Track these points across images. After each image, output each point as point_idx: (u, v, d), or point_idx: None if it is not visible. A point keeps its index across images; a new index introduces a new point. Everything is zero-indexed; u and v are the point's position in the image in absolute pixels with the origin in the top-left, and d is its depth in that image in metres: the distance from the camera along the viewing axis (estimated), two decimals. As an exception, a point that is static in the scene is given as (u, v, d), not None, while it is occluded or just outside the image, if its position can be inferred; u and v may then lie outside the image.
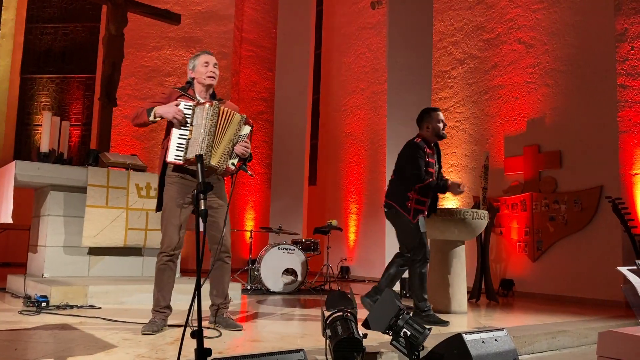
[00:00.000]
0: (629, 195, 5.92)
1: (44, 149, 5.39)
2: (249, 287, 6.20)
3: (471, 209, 4.65)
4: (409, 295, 5.84)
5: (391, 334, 2.57)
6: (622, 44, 6.17)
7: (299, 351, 2.14)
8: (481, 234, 5.98)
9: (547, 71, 6.96)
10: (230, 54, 10.99)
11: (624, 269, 3.23)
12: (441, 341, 2.60)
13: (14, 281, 5.07)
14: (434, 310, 4.22)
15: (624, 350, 2.62)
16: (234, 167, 3.30)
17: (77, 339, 2.90)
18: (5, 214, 4.83)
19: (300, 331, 3.51)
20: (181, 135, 3.17)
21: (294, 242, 6.68)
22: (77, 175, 5.09)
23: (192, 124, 3.17)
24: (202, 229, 2.16)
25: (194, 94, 3.40)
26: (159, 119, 3.23)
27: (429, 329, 2.56)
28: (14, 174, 4.75)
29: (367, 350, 2.55)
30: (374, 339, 2.93)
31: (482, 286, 6.07)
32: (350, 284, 8.10)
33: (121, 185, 5.24)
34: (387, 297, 2.66)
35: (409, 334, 2.50)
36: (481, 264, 6.12)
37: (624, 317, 4.75)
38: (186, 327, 2.09)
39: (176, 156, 3.16)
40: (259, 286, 6.16)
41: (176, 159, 3.17)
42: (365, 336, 2.50)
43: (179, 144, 3.16)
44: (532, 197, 6.88)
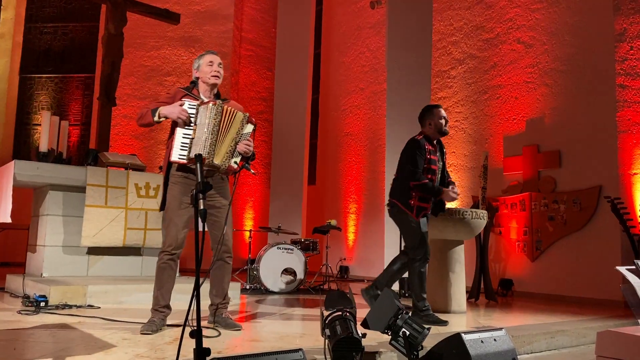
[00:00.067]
0: (628, 195, 5.93)
1: (43, 148, 5.39)
2: (248, 287, 6.20)
3: (470, 209, 4.65)
4: (408, 295, 5.85)
5: (390, 333, 2.57)
6: (621, 44, 6.17)
7: (298, 351, 2.15)
8: (480, 234, 5.99)
9: (547, 71, 6.96)
10: (229, 54, 10.99)
11: (622, 269, 3.24)
12: (440, 341, 2.61)
13: (13, 281, 5.06)
14: (433, 309, 4.22)
15: (623, 349, 2.63)
16: (236, 165, 3.31)
17: (76, 338, 2.90)
18: (4, 214, 4.83)
19: (299, 331, 3.51)
20: (185, 134, 3.18)
21: (293, 242, 6.68)
22: (76, 174, 5.09)
23: (196, 124, 3.19)
24: (200, 229, 2.16)
25: (199, 93, 3.41)
26: (164, 119, 3.24)
27: (428, 329, 2.56)
28: (13, 174, 4.75)
29: (366, 349, 2.55)
30: (373, 339, 2.93)
31: (481, 286, 6.08)
32: (349, 284, 8.10)
33: (120, 185, 5.24)
34: (386, 297, 2.66)
35: (408, 333, 2.50)
36: (480, 263, 6.13)
37: (623, 316, 4.75)
38: (185, 326, 2.09)
39: (180, 155, 3.18)
40: (258, 286, 6.16)
41: (180, 158, 3.18)
42: (364, 336, 2.50)
43: (183, 143, 3.17)
44: (531, 197, 6.88)
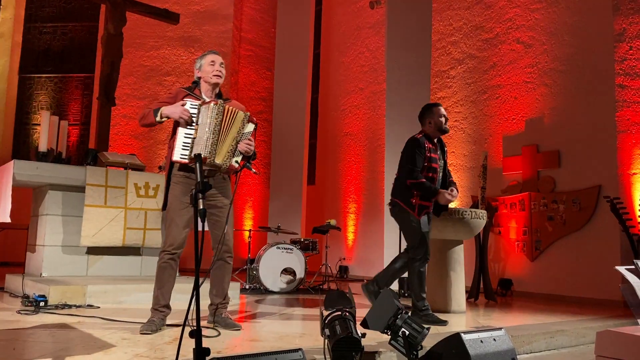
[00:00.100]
0: (627, 195, 5.93)
1: (43, 148, 5.38)
2: (247, 287, 6.20)
3: (470, 209, 4.65)
4: (407, 294, 5.85)
5: (390, 333, 2.57)
6: (621, 44, 6.17)
7: (297, 351, 2.15)
8: (480, 234, 5.99)
9: (546, 71, 6.96)
10: (229, 54, 10.99)
11: (622, 269, 3.24)
12: (440, 341, 2.61)
13: (12, 281, 5.06)
14: (432, 309, 4.21)
15: (622, 349, 2.63)
16: (237, 164, 3.31)
17: (75, 338, 2.90)
18: (3, 214, 4.82)
19: (298, 331, 3.51)
20: (187, 134, 3.19)
21: (293, 242, 6.68)
22: (76, 174, 5.09)
23: (197, 123, 3.19)
24: (200, 228, 2.16)
25: (200, 93, 3.42)
26: (166, 119, 3.24)
27: (428, 329, 2.56)
28: (12, 174, 4.74)
29: (365, 349, 2.55)
30: (373, 339, 2.93)
31: (481, 286, 6.08)
32: (348, 284, 8.10)
33: (120, 184, 5.24)
34: (386, 297, 2.66)
35: (407, 333, 2.50)
36: (480, 263, 6.13)
37: (622, 316, 4.76)
38: (185, 326, 2.09)
39: (182, 155, 3.18)
40: (258, 286, 6.16)
41: (181, 158, 3.19)
42: (363, 335, 2.50)
43: (184, 143, 3.18)
44: (531, 197, 6.89)
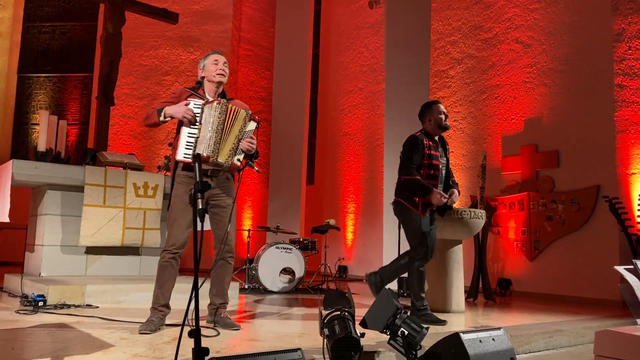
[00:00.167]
0: (626, 194, 5.94)
1: (41, 148, 5.38)
2: (246, 287, 6.20)
3: (469, 209, 4.66)
4: (406, 294, 5.85)
5: (389, 333, 2.57)
6: (620, 43, 6.18)
7: (296, 350, 2.15)
8: (479, 234, 5.99)
9: (545, 71, 6.97)
10: (228, 53, 10.98)
11: (621, 269, 3.24)
12: (439, 340, 2.61)
13: (11, 280, 5.05)
14: (431, 309, 4.22)
15: (621, 349, 2.63)
16: (239, 163, 3.32)
17: (74, 338, 2.90)
18: (2, 213, 4.82)
19: (297, 330, 3.51)
20: (190, 133, 3.21)
21: (292, 242, 6.68)
22: (75, 174, 5.08)
23: (200, 123, 3.21)
24: (200, 228, 2.16)
25: (204, 93, 3.43)
26: (169, 119, 3.25)
27: (427, 328, 2.56)
28: (11, 173, 4.74)
29: (364, 349, 2.55)
30: (372, 338, 2.93)
31: (480, 285, 6.08)
32: (348, 283, 8.10)
33: (118, 184, 5.23)
34: (385, 297, 2.66)
35: (406, 333, 2.51)
36: (479, 263, 6.13)
37: (621, 316, 4.76)
38: (184, 326, 2.09)
39: (185, 154, 3.20)
40: (257, 285, 6.16)
41: (185, 157, 3.20)
42: (362, 335, 2.50)
43: (188, 142, 3.19)
44: (530, 197, 6.89)
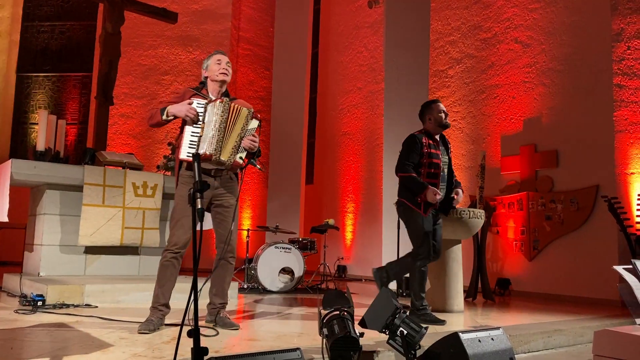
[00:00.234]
0: (625, 194, 5.94)
1: (40, 147, 5.37)
2: (245, 286, 6.20)
3: (468, 208, 4.66)
4: (406, 294, 5.86)
5: (388, 332, 2.57)
6: (619, 43, 6.18)
7: (295, 350, 2.14)
8: (478, 233, 5.99)
9: (544, 71, 6.97)
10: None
11: (619, 268, 3.25)
12: (438, 340, 2.61)
13: (10, 280, 5.05)
14: (430, 309, 4.22)
15: (620, 349, 2.63)
16: (241, 161, 3.33)
17: (73, 338, 2.90)
18: (1, 213, 4.81)
19: (297, 330, 3.51)
20: (193, 132, 3.22)
21: (291, 241, 6.68)
22: (74, 173, 5.08)
23: (204, 122, 3.22)
24: (199, 228, 2.16)
25: (207, 93, 3.45)
26: (172, 118, 3.26)
27: (426, 328, 2.56)
28: (10, 173, 4.73)
29: (363, 349, 2.55)
30: (371, 338, 2.93)
31: (479, 285, 6.09)
32: (347, 283, 8.10)
33: (118, 184, 5.23)
34: (384, 296, 2.66)
35: (405, 332, 2.50)
36: (478, 263, 6.13)
37: (620, 316, 4.77)
38: (183, 326, 2.08)
39: (188, 153, 3.21)
40: (256, 285, 6.16)
41: (188, 156, 3.21)
42: (362, 335, 2.50)
43: (191, 141, 3.21)
44: (529, 197, 6.89)
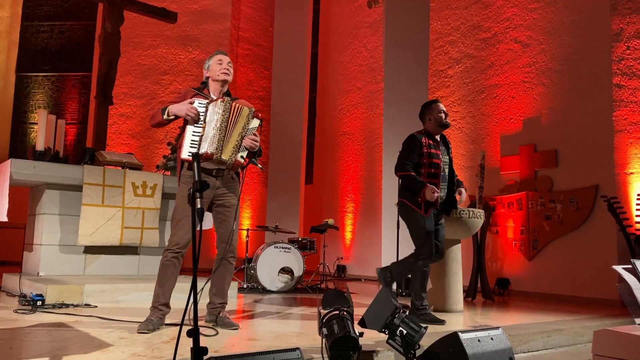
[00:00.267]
0: (624, 194, 5.94)
1: (40, 147, 5.37)
2: (245, 286, 6.20)
3: (467, 208, 4.66)
4: (405, 294, 5.86)
5: (387, 332, 2.57)
6: (618, 43, 6.19)
7: (295, 350, 2.14)
8: (477, 233, 5.99)
9: (543, 70, 6.97)
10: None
11: (619, 268, 3.25)
12: (437, 340, 2.61)
13: (10, 280, 5.05)
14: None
15: (619, 348, 2.64)
16: (242, 160, 3.33)
17: (72, 337, 2.90)
18: (0, 213, 4.81)
19: (296, 330, 3.51)
20: (195, 132, 3.22)
21: (291, 241, 6.68)
22: (73, 173, 5.08)
23: (205, 121, 3.23)
24: (199, 228, 2.16)
25: (209, 92, 3.45)
26: (173, 118, 3.26)
27: (425, 328, 2.57)
28: (10, 173, 4.73)
29: (363, 348, 2.55)
30: (370, 338, 2.93)
31: (478, 285, 6.09)
32: (346, 283, 8.10)
33: (117, 183, 5.23)
34: (384, 296, 2.66)
35: (405, 332, 2.51)
36: (477, 262, 6.14)
37: (619, 315, 4.77)
38: (182, 325, 2.08)
39: (189, 153, 3.21)
40: (256, 285, 6.16)
41: (189, 156, 3.21)
42: (361, 335, 2.50)
43: (192, 141, 3.21)
44: (528, 196, 6.90)
